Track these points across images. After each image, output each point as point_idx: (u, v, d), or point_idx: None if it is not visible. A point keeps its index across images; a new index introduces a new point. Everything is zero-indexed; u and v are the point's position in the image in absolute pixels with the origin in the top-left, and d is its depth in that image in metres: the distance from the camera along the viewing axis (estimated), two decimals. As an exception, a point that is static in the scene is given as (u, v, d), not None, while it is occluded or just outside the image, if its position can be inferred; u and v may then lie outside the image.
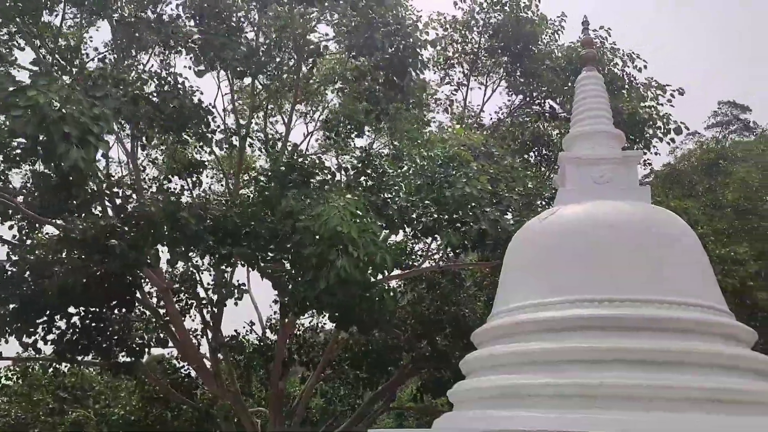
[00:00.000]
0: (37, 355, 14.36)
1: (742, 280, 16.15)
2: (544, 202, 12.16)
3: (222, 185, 20.05)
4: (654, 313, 6.18)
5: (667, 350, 5.92)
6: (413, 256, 16.85)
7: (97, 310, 13.38)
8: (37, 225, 14.75)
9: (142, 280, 14.41)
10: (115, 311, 13.73)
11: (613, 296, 6.36)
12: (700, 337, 6.22)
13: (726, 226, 21.33)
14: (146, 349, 15.75)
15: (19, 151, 11.43)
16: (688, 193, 25.73)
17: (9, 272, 12.85)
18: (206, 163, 17.75)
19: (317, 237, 9.85)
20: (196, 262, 14.48)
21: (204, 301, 15.99)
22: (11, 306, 12.75)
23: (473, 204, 10.71)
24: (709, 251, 15.73)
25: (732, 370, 6.10)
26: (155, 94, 12.63)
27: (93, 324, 13.47)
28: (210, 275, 16.07)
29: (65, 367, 17.88)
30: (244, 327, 18.98)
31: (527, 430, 5.71)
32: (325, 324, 18.80)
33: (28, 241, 14.57)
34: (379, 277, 11.01)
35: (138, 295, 14.34)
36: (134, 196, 14.05)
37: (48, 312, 12.76)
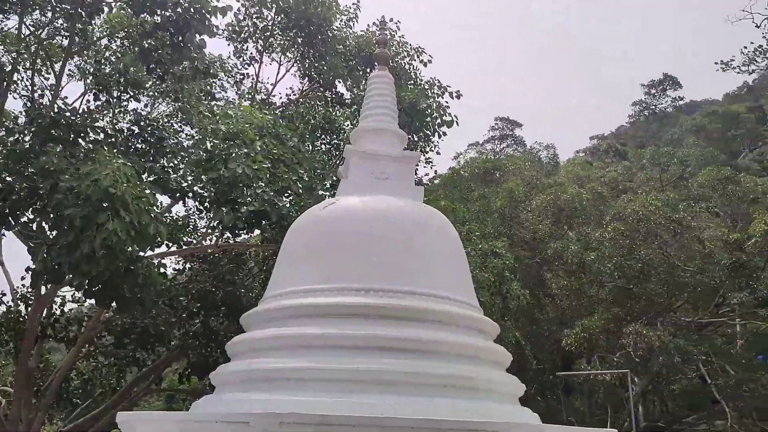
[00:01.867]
0: None
1: (499, 272, 17.94)
2: (327, 189, 12.29)
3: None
4: (412, 304, 6.60)
5: (420, 340, 6.36)
6: (196, 233, 16.23)
7: None
8: None
9: None
10: None
11: (378, 286, 6.69)
12: (452, 328, 6.78)
13: (492, 229, 23.60)
14: None
15: None
16: (466, 197, 28.01)
17: None
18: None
19: (84, 198, 8.99)
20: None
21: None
22: None
23: (248, 183, 10.50)
24: (473, 245, 17.35)
25: (476, 360, 6.73)
26: None
27: None
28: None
29: None
30: (-10, 296, 16.91)
31: (285, 413, 5.78)
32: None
33: None
34: (153, 252, 10.38)
35: None
36: None
37: None
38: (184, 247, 15.11)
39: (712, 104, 73.08)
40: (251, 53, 18.33)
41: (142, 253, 10.14)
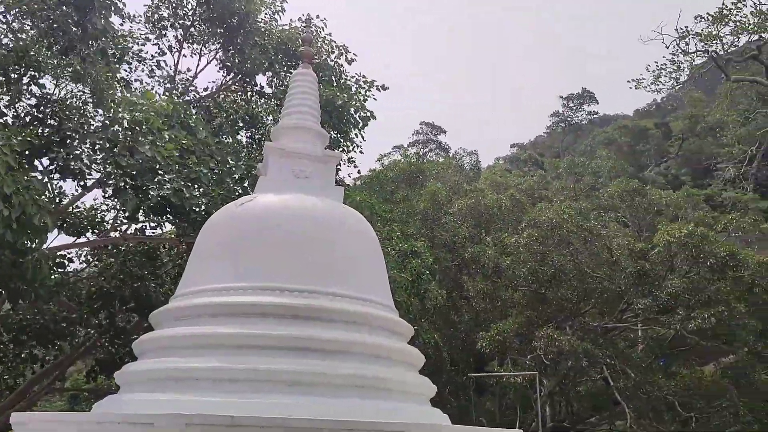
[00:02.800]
0: None
1: (418, 271, 18.17)
2: (236, 182, 11.97)
3: None
4: (326, 304, 6.57)
5: (333, 340, 6.34)
6: (103, 225, 15.52)
7: None
8: None
9: None
10: None
11: (293, 286, 6.62)
12: (366, 329, 6.79)
13: (414, 231, 23.88)
14: None
15: None
16: (389, 199, 28.22)
17: None
18: None
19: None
20: None
21: None
22: None
23: (156, 170, 10.11)
24: (394, 245, 17.49)
25: (389, 361, 6.76)
26: None
27: None
28: None
29: None
30: None
31: (191, 414, 5.63)
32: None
33: None
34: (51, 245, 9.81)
35: None
36: None
37: None
38: (92, 239, 14.46)
39: (624, 119, 76.71)
40: (170, 42, 17.71)
41: (35, 245, 9.54)
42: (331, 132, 15.53)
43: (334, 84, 16.50)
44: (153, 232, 14.66)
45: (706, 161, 61.22)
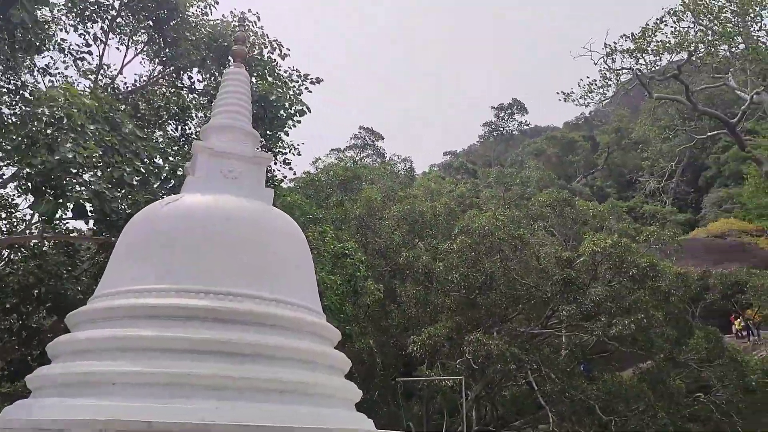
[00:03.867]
0: None
1: (352, 272, 18.16)
2: (163, 181, 11.60)
3: None
4: (251, 308, 6.45)
5: (257, 344, 6.23)
6: (11, 220, 14.76)
7: None
8: None
9: None
10: None
11: (217, 289, 6.48)
12: (292, 333, 6.70)
13: (348, 236, 23.86)
14: None
15: None
16: (324, 203, 28.12)
17: None
18: None
19: None
20: None
21: None
22: None
23: (77, 171, 9.68)
24: (327, 246, 17.39)
25: (314, 366, 6.71)
26: None
27: None
28: None
29: None
30: None
31: (106, 419, 5.43)
32: None
33: None
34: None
35: None
36: None
37: None
38: (6, 237, 13.76)
39: (554, 130, 79.10)
40: (95, 32, 16.95)
41: None
42: (267, 131, 15.28)
43: (268, 78, 16.18)
44: (74, 228, 14.07)
45: (630, 174, 63.86)
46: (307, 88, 16.76)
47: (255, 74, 15.99)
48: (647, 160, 60.11)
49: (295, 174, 22.45)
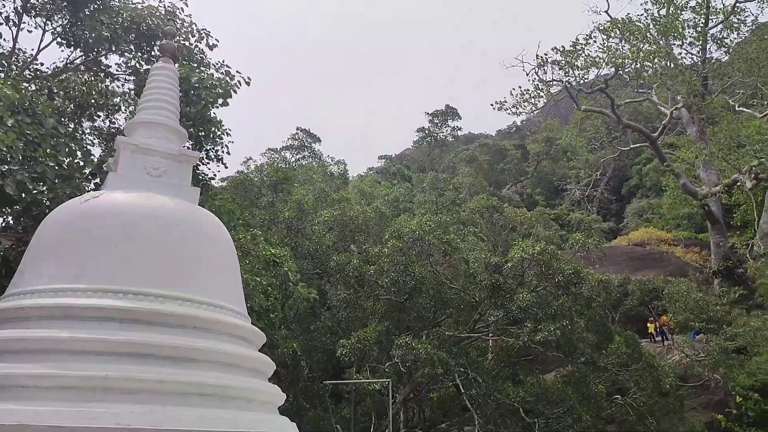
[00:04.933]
0: None
1: (283, 279, 17.97)
2: (88, 178, 11.16)
3: None
4: (171, 309, 6.31)
5: (175, 346, 6.09)
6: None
7: None
8: None
9: None
10: None
11: (136, 289, 6.30)
12: (213, 335, 6.58)
13: (278, 239, 23.61)
14: None
15: None
16: (254, 203, 27.72)
17: None
18: None
19: None
20: None
21: None
22: None
23: None
24: (258, 251, 17.12)
25: (235, 369, 6.60)
26: None
27: None
28: None
29: None
30: None
31: (12, 423, 5.19)
32: None
33: None
34: None
35: None
36: None
37: None
38: None
39: (486, 138, 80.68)
40: (8, 14, 15.98)
41: None
42: (200, 133, 14.81)
43: (195, 66, 15.62)
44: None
45: (558, 183, 65.83)
46: (236, 87, 16.34)
47: (182, 62, 15.53)
48: (574, 170, 62.18)
49: (226, 167, 21.93)
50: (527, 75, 39.61)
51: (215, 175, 18.22)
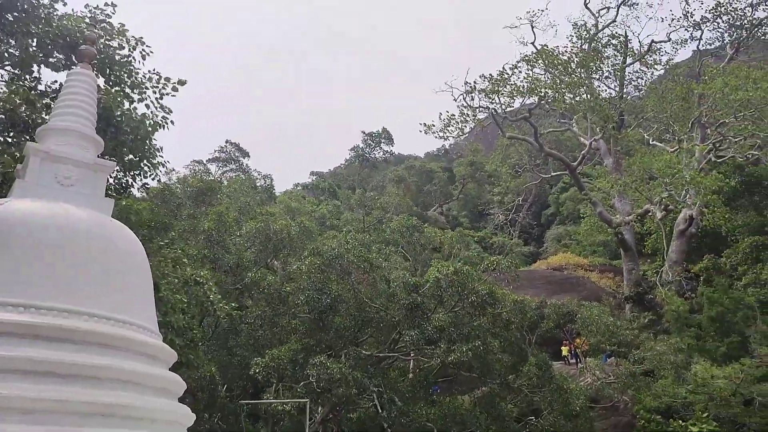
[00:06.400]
0: None
1: (203, 299, 17.54)
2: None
3: None
4: (73, 324, 6.05)
5: (76, 364, 5.85)
6: None
7: None
8: None
9: None
10: None
11: (39, 303, 6.02)
12: (119, 353, 6.35)
13: (197, 252, 23.05)
14: None
15: None
16: (175, 214, 27.00)
17: None
18: None
19: None
20: None
21: None
22: None
23: None
24: (180, 271, 16.65)
25: (141, 388, 6.38)
26: None
27: None
28: None
29: None
30: None
31: None
32: None
33: None
34: None
35: None
36: None
37: None
38: None
39: (415, 159, 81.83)
40: None
41: None
42: (136, 158, 14.35)
43: (126, 80, 15.21)
44: None
45: (482, 206, 67.39)
46: (168, 94, 15.96)
47: (111, 75, 15.08)
48: (497, 195, 63.86)
49: (152, 178, 21.26)
50: (455, 100, 40.53)
51: (131, 184, 17.48)
